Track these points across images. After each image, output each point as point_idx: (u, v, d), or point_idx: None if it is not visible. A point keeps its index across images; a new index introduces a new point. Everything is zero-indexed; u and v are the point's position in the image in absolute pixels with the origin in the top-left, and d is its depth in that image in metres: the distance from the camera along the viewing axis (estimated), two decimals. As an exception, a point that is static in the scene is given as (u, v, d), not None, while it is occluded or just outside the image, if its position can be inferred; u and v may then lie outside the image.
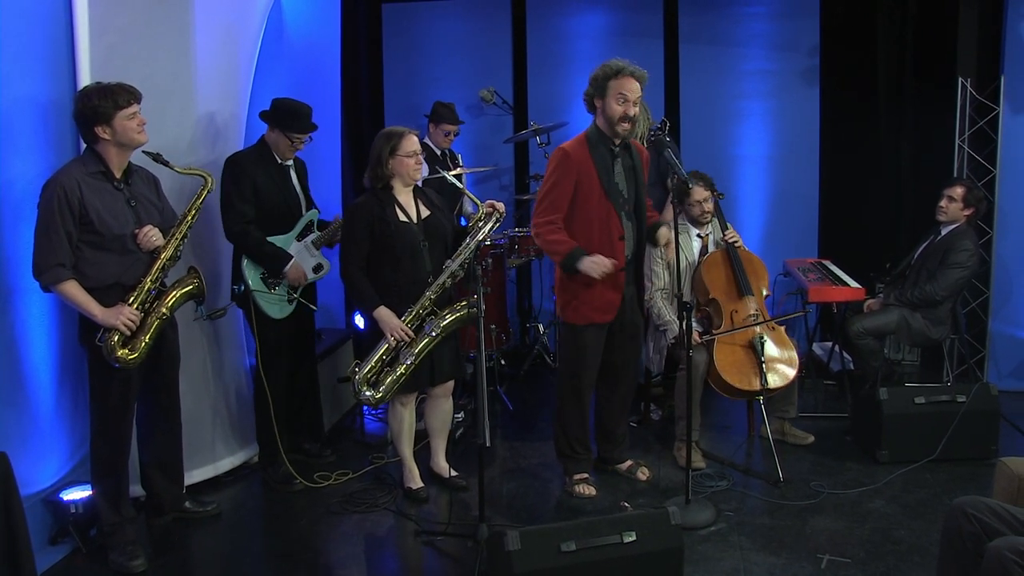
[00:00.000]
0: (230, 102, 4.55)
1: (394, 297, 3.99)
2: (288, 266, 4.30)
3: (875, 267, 6.21)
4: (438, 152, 6.01)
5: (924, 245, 5.33)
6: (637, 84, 3.95)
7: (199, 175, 3.76)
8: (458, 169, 5.63)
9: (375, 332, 4.02)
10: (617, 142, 4.05)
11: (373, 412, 5.40)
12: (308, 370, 4.77)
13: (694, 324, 4.73)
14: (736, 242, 4.80)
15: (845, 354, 5.75)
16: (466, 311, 3.98)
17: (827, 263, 5.80)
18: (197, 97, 4.22)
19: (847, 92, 6.46)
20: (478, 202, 4.14)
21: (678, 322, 4.54)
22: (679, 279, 4.06)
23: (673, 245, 4.07)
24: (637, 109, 3.98)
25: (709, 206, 4.81)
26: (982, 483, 4.26)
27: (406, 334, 3.95)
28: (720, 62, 6.51)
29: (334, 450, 4.90)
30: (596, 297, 4.06)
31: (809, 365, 5.87)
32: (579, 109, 4.26)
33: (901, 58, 6.34)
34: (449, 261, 4.02)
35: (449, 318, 4.00)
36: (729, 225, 4.93)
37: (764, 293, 4.76)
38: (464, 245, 4.04)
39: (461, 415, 5.07)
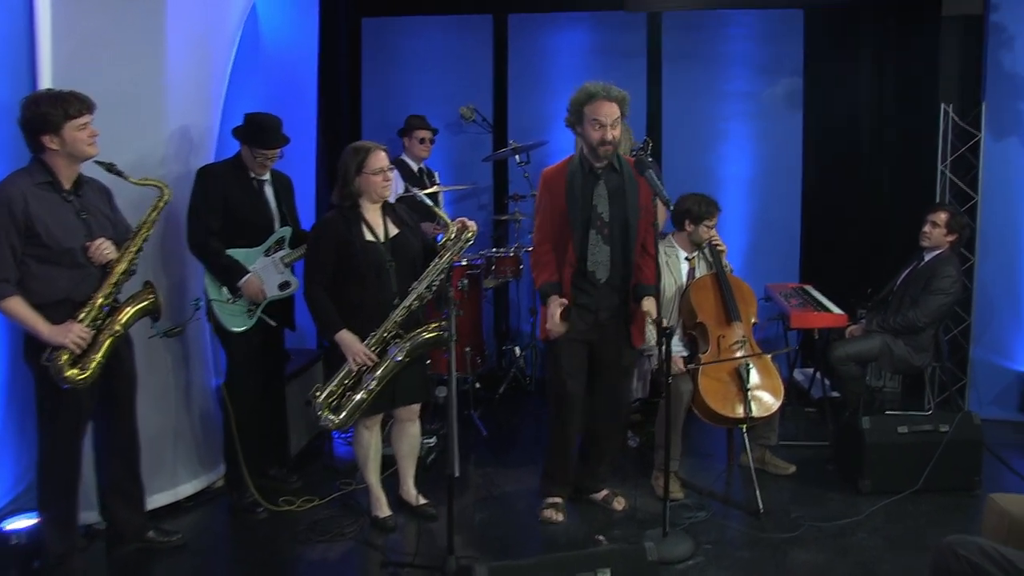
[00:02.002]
0: (202, 114, 4.44)
1: (358, 319, 3.85)
2: (243, 280, 4.16)
3: (857, 292, 6.12)
4: (415, 168, 5.91)
5: (907, 271, 5.25)
6: (614, 106, 3.85)
7: (155, 186, 3.62)
8: (434, 187, 5.51)
9: (337, 356, 3.87)
10: (600, 164, 3.94)
11: (343, 435, 5.23)
12: (276, 391, 4.62)
13: (680, 347, 4.67)
14: (719, 247, 4.71)
15: (826, 380, 5.66)
16: (435, 334, 3.84)
17: (809, 288, 5.72)
18: (168, 108, 4.11)
19: (830, 115, 6.41)
20: (448, 221, 4.01)
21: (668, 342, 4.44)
22: (659, 302, 3.92)
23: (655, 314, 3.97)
24: (617, 131, 3.88)
25: (712, 233, 4.71)
26: (966, 515, 4.18)
27: (369, 358, 3.80)
28: (703, 82, 6.46)
29: (301, 475, 4.74)
30: (575, 318, 3.97)
31: (790, 391, 5.72)
32: (560, 128, 4.17)
33: (883, 83, 6.30)
34: (416, 282, 3.88)
35: (416, 341, 3.86)
36: (716, 233, 4.82)
37: (752, 320, 4.65)
38: (432, 265, 3.91)
39: (433, 440, 4.92)
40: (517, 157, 5.94)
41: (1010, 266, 5.68)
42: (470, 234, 3.97)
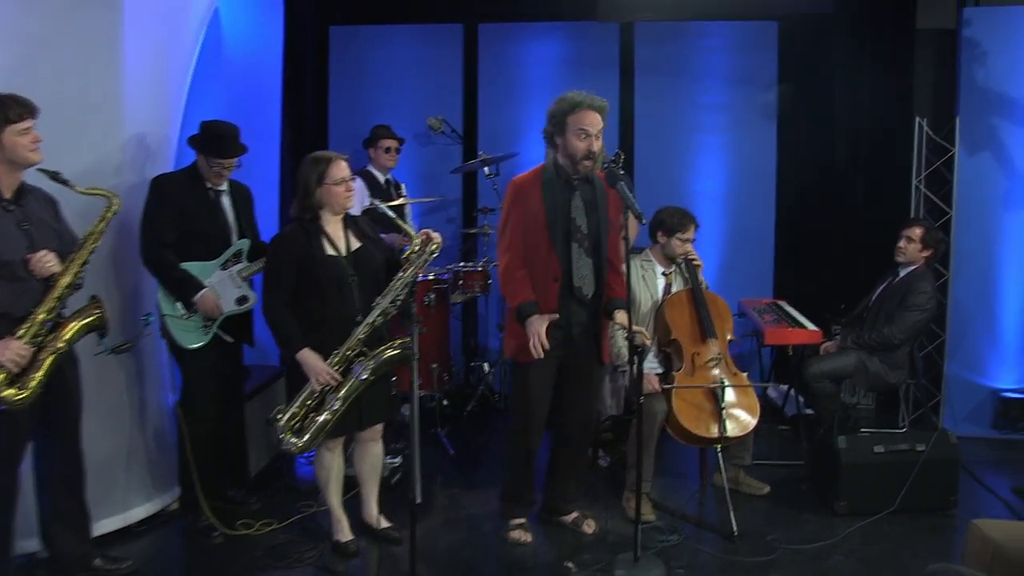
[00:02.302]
0: (160, 122, 4.30)
1: (320, 336, 3.70)
2: (198, 295, 4.01)
3: (830, 308, 6.06)
4: (381, 180, 5.78)
5: (882, 287, 5.18)
6: (598, 116, 3.76)
7: (103, 195, 3.45)
8: (400, 199, 5.37)
9: (299, 375, 3.71)
10: (577, 176, 3.83)
11: (305, 455, 5.05)
12: (234, 410, 4.45)
13: (654, 364, 4.55)
14: (695, 262, 4.62)
15: (800, 397, 5.57)
16: (399, 351, 3.70)
17: (782, 304, 5.64)
18: (125, 115, 3.96)
19: (805, 129, 6.35)
20: (413, 233, 3.86)
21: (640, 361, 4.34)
22: (631, 317, 3.79)
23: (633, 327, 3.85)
24: (600, 142, 3.79)
25: (689, 246, 4.60)
26: (943, 537, 4.11)
27: (332, 378, 3.65)
28: (676, 94, 6.37)
29: (261, 496, 4.56)
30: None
31: (764, 409, 5.64)
32: (531, 139, 4.06)
33: (857, 96, 6.25)
34: (380, 298, 3.73)
35: (380, 359, 3.71)
36: (692, 248, 4.71)
37: (728, 337, 4.54)
38: (396, 280, 3.76)
39: (397, 459, 4.77)
40: (486, 169, 5.81)
41: (984, 282, 5.63)
42: (435, 247, 3.83)
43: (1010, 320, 5.62)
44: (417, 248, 3.81)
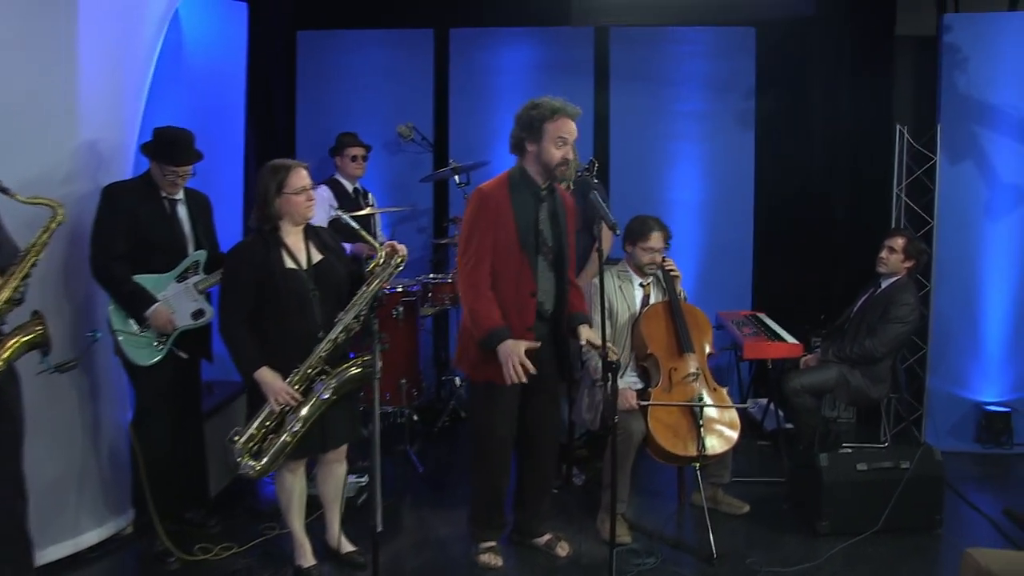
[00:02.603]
0: (116, 128, 4.12)
1: (279, 354, 3.51)
2: (151, 309, 3.82)
3: (810, 319, 5.94)
4: (349, 189, 5.61)
5: (863, 298, 5.08)
6: (574, 124, 3.63)
7: (47, 205, 3.25)
8: (367, 209, 5.19)
9: (259, 394, 3.52)
10: (543, 185, 3.68)
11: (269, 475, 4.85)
12: (192, 428, 4.25)
13: (633, 379, 4.40)
14: (673, 272, 4.48)
15: (780, 412, 5.44)
16: (361, 369, 3.52)
17: (761, 316, 5.52)
18: (79, 121, 3.79)
19: (783, 136, 6.25)
20: (376, 244, 3.69)
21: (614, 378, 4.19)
22: (604, 333, 3.62)
23: (598, 342, 3.69)
24: (572, 154, 3.69)
25: (658, 257, 4.44)
26: (927, 558, 4.00)
27: (292, 397, 3.46)
28: (652, 101, 6.23)
29: (221, 518, 4.36)
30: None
31: (743, 423, 5.50)
32: (503, 147, 3.88)
33: (837, 103, 6.14)
34: (342, 313, 3.55)
35: (343, 377, 3.52)
36: (668, 258, 4.57)
37: (707, 351, 4.39)
38: (360, 293, 3.58)
39: (364, 478, 4.59)
40: (457, 178, 5.65)
41: (967, 293, 5.52)
42: (400, 259, 3.65)
43: (993, 332, 5.51)
44: (381, 260, 3.64)
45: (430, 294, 5.32)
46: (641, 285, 4.53)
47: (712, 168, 6.25)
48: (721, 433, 4.20)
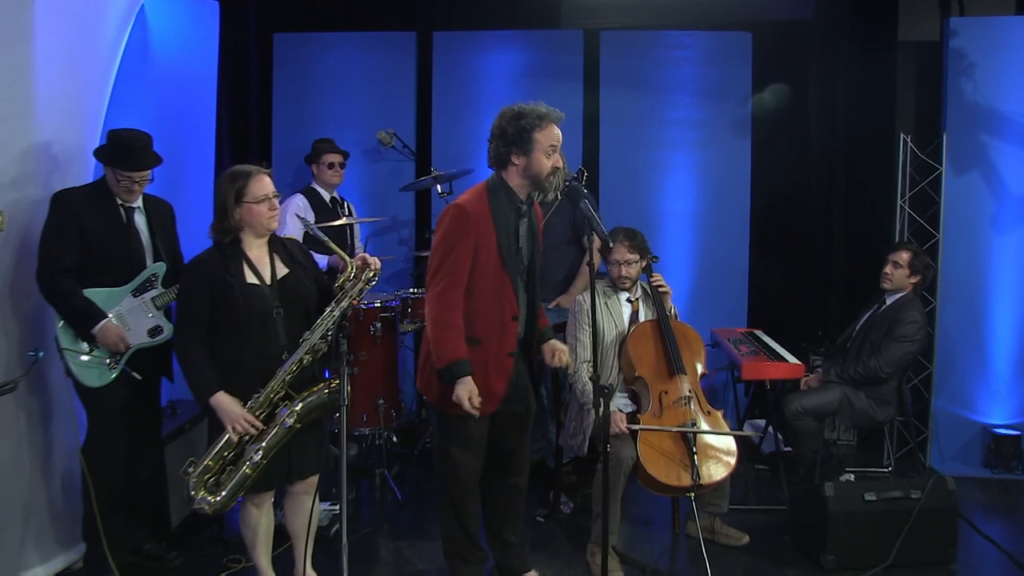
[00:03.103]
0: (73, 131, 3.88)
1: (239, 377, 3.22)
2: (99, 326, 3.52)
3: (808, 337, 5.69)
4: (327, 198, 5.34)
5: (867, 316, 4.85)
6: (560, 131, 3.37)
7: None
8: (342, 220, 4.90)
9: (217, 422, 3.22)
10: (524, 199, 3.41)
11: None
12: (151, 454, 3.95)
13: (624, 402, 4.14)
14: (662, 288, 4.22)
15: (779, 435, 5.15)
16: (328, 396, 3.22)
17: (759, 333, 5.27)
18: (33, 122, 3.56)
19: (780, 145, 6.01)
20: (347, 258, 3.40)
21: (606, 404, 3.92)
22: (596, 355, 3.33)
23: (566, 361, 3.45)
24: (561, 163, 3.41)
25: (631, 271, 4.17)
26: (941, 596, 3.71)
27: (251, 425, 3.16)
28: (644, 108, 5.96)
29: (183, 550, 4.05)
30: (479, 385, 3.33)
31: (739, 448, 5.23)
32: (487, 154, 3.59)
33: (836, 111, 5.91)
34: (308, 333, 3.25)
35: (309, 403, 3.22)
36: (656, 273, 4.30)
37: (700, 371, 4.12)
38: (327, 311, 3.28)
39: (338, 507, 4.27)
40: (439, 187, 5.37)
41: (973, 310, 5.27)
42: (372, 273, 3.36)
43: (1001, 351, 5.26)
44: (352, 275, 3.34)
45: (409, 309, 5.02)
46: (629, 301, 4.26)
47: (706, 178, 5.98)
48: (717, 460, 3.93)
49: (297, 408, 3.19)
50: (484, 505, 3.69)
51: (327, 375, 3.42)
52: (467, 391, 3.24)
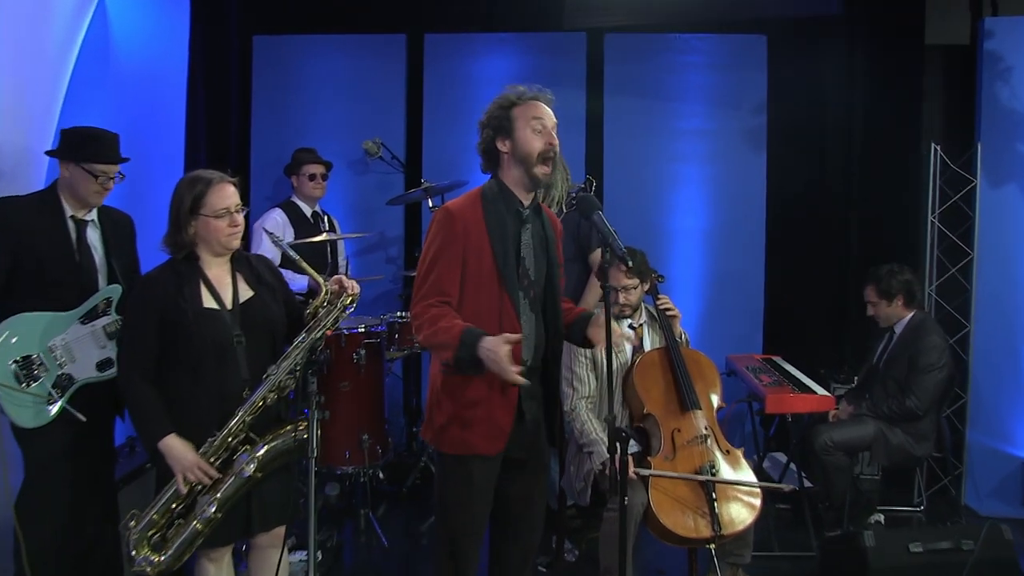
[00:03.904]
0: (18, 132, 3.55)
1: (192, 417, 2.77)
2: None
3: (829, 363, 5.25)
4: (308, 213, 4.92)
5: (880, 349, 4.51)
6: (548, 109, 2.93)
7: None
8: (323, 235, 4.46)
9: (164, 469, 2.76)
10: (527, 202, 2.95)
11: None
12: (99, 503, 3.45)
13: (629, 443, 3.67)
14: (670, 311, 3.78)
15: (803, 473, 4.71)
16: (293, 442, 2.77)
17: (778, 360, 4.87)
18: None
19: (798, 157, 5.60)
20: (321, 280, 2.96)
21: (607, 443, 3.47)
22: (611, 389, 2.87)
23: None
24: (556, 142, 2.92)
25: (631, 297, 3.74)
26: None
27: (205, 474, 2.71)
28: (651, 118, 5.54)
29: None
30: (482, 418, 2.88)
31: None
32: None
33: (859, 120, 5.50)
34: (274, 367, 2.80)
35: (272, 449, 2.77)
36: (663, 295, 3.87)
37: (716, 404, 3.67)
38: (296, 343, 2.83)
39: (318, 555, 3.80)
40: (430, 201, 4.94)
41: (1011, 334, 4.90)
42: (349, 299, 2.92)
43: (1042, 379, 4.84)
44: (325, 301, 2.90)
45: (397, 335, 4.56)
46: (632, 327, 3.82)
47: (718, 192, 5.57)
48: (740, 505, 3.46)
49: (259, 454, 2.73)
50: (492, 564, 3.22)
51: (306, 414, 2.96)
52: (493, 348, 2.67)
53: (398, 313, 4.67)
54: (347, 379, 4.27)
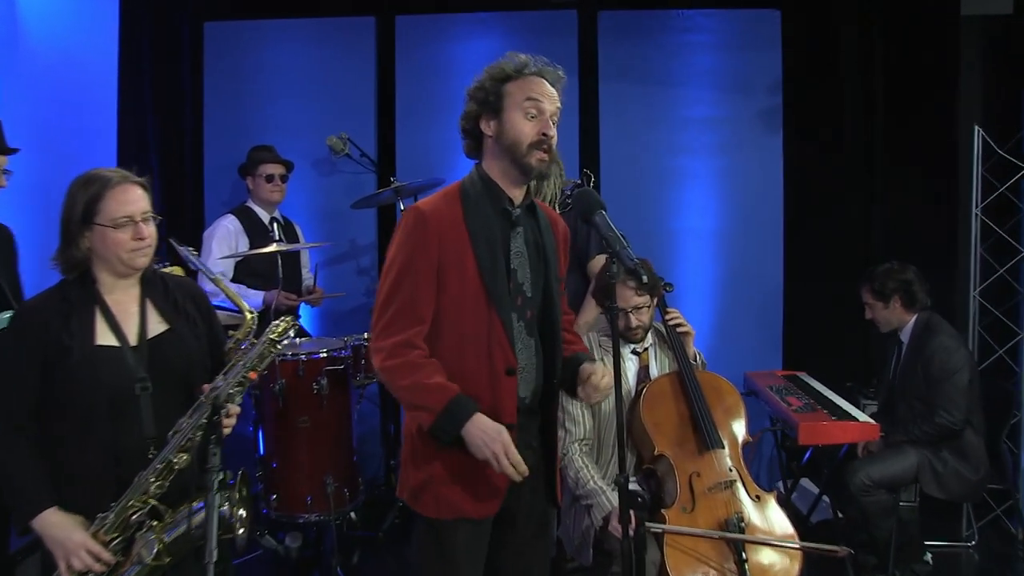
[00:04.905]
0: None
1: (80, 485, 2.17)
2: None
3: (853, 372, 4.79)
4: (265, 219, 4.39)
5: (893, 362, 4.04)
6: (554, 91, 2.35)
7: None
8: (271, 246, 3.83)
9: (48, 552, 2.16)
10: (517, 199, 2.35)
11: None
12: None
13: (633, 487, 3.07)
14: (681, 327, 3.24)
15: (838, 511, 4.14)
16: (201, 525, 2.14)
17: (803, 377, 4.28)
18: None
19: (818, 145, 5.00)
20: (243, 304, 2.35)
21: (608, 493, 2.89)
22: (622, 443, 2.25)
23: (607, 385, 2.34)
24: (554, 132, 2.32)
25: (644, 317, 3.14)
26: None
27: (97, 558, 2.10)
28: (652, 105, 4.95)
29: None
30: (471, 475, 2.29)
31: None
32: (462, 161, 2.56)
33: (887, 101, 4.89)
34: (184, 419, 2.18)
35: (181, 526, 2.14)
36: (673, 309, 3.32)
37: (741, 438, 3.08)
38: (210, 391, 2.20)
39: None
40: (402, 203, 4.34)
41: (1067, 342, 4.27)
42: (281, 328, 2.30)
43: (1107, 393, 4.25)
44: (249, 331, 2.29)
45: (364, 360, 3.91)
46: (635, 352, 3.23)
47: (730, 187, 4.98)
48: (775, 563, 2.89)
49: (167, 538, 2.11)
50: None
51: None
52: (486, 436, 2.16)
53: (364, 335, 4.03)
54: (306, 414, 3.67)
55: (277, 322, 2.28)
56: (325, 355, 3.74)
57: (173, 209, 4.99)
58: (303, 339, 4.15)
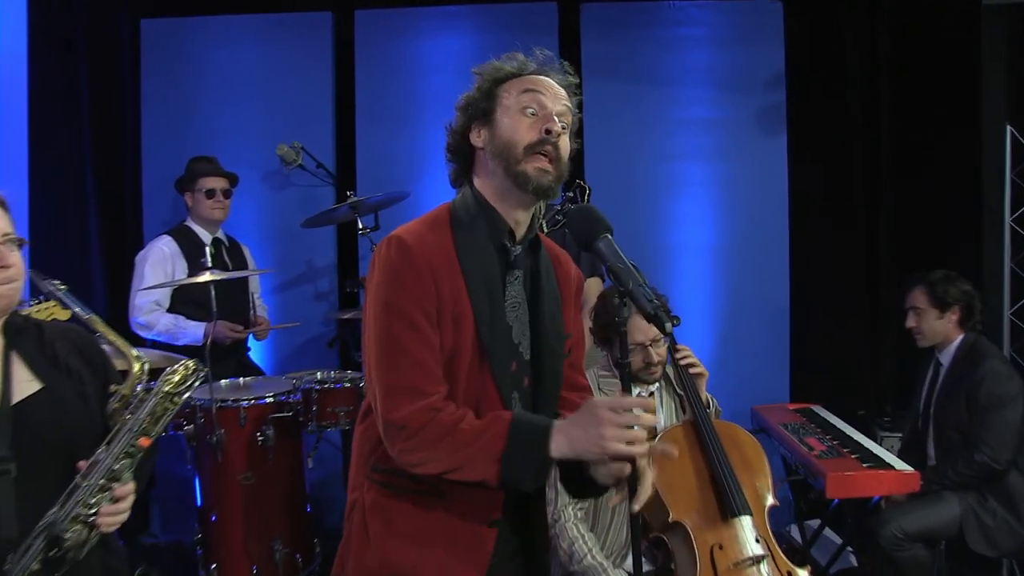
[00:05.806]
0: None
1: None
2: None
3: (865, 400, 4.39)
4: (207, 240, 3.92)
5: (926, 390, 3.53)
6: (560, 91, 1.87)
7: None
8: (206, 275, 3.28)
9: None
10: (520, 229, 1.86)
11: None
12: None
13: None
14: (694, 368, 2.78)
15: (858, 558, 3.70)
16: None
17: (816, 410, 3.86)
18: None
19: (826, 148, 4.61)
20: (126, 349, 1.85)
21: (609, 571, 2.39)
22: (636, 533, 1.74)
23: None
24: (565, 137, 1.87)
25: (662, 351, 2.65)
26: None
27: None
28: (642, 106, 4.53)
29: None
30: (434, 569, 1.79)
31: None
32: (431, 173, 2.07)
33: (902, 99, 4.51)
34: (56, 508, 1.65)
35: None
36: (683, 345, 2.84)
37: (768, 502, 2.58)
38: (91, 466, 1.69)
39: None
40: (360, 221, 3.82)
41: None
42: (178, 377, 1.79)
43: None
44: (133, 389, 1.77)
45: (315, 406, 3.32)
46: (642, 396, 2.76)
47: (729, 196, 4.55)
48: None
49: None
50: None
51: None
52: (599, 418, 1.62)
53: (319, 375, 3.48)
54: (250, 469, 3.16)
55: (172, 368, 1.76)
56: (271, 400, 3.24)
57: (112, 230, 4.57)
58: (248, 379, 3.62)
